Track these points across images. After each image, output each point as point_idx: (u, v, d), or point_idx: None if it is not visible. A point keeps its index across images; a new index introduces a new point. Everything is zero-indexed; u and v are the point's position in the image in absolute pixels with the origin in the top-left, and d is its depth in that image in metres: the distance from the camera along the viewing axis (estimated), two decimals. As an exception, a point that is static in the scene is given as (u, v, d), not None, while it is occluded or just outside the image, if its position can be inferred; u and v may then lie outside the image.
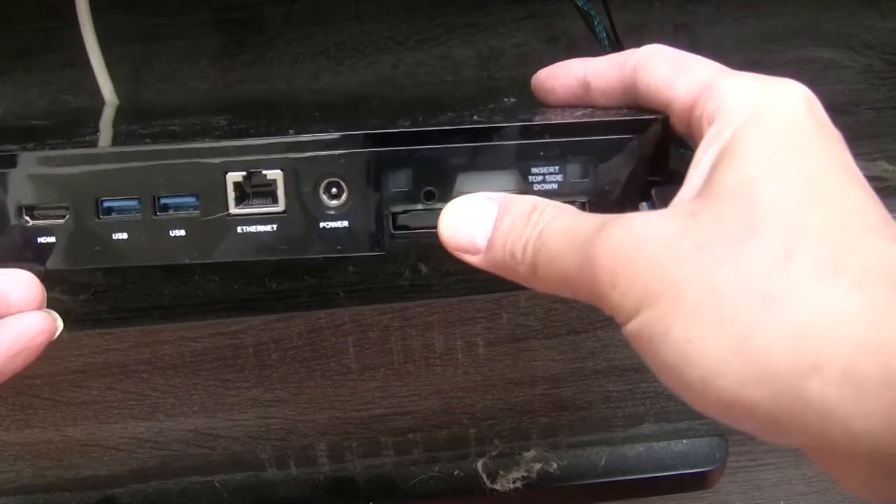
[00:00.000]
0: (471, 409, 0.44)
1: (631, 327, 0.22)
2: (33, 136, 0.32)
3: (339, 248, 0.28)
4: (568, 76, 0.30)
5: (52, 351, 0.41)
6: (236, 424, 0.44)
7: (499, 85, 0.50)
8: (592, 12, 0.43)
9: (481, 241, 0.26)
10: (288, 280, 0.42)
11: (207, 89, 0.49)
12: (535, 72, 0.31)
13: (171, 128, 0.33)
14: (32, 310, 0.27)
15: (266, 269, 0.42)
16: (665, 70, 0.26)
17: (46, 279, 0.28)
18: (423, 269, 0.42)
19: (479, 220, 0.26)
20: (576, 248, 0.23)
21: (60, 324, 0.27)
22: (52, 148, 0.28)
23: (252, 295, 0.41)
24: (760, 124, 0.22)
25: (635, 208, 0.28)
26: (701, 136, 0.24)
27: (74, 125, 0.38)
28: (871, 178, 0.22)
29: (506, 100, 0.34)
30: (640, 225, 0.22)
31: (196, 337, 0.41)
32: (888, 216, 0.21)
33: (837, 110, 0.24)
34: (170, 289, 0.42)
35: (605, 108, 0.29)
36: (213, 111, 0.39)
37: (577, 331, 0.42)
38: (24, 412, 0.42)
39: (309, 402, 0.43)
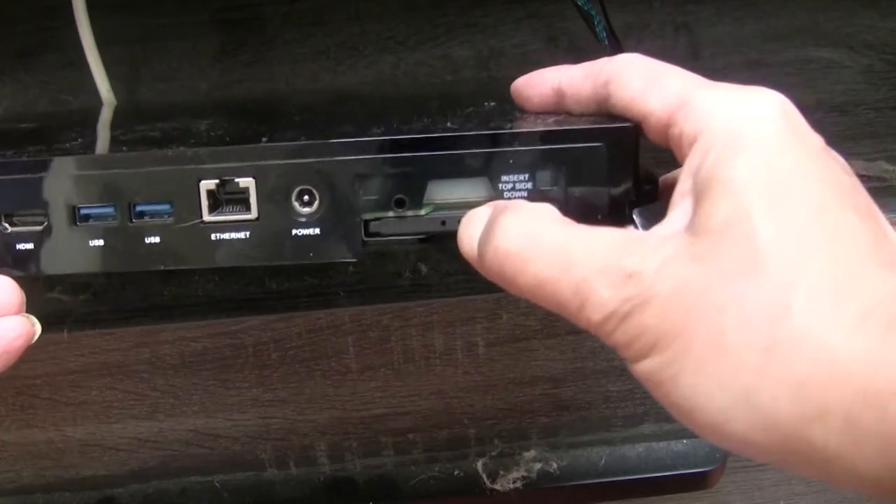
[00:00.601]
0: (471, 409, 0.44)
1: (640, 370, 0.23)
2: (18, 141, 0.33)
3: (311, 254, 0.29)
4: (543, 85, 0.30)
5: (52, 351, 0.41)
6: (236, 424, 0.44)
7: (489, 86, 0.50)
8: (592, 12, 0.43)
9: (475, 248, 0.26)
10: (288, 280, 0.42)
11: (207, 89, 0.49)
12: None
13: (152, 133, 0.33)
14: (11, 314, 0.27)
15: (266, 269, 0.42)
16: (638, 84, 0.26)
17: (44, 280, 0.28)
18: (423, 269, 0.42)
19: (474, 226, 0.26)
20: (580, 292, 0.23)
21: (38, 328, 0.28)
22: (30, 155, 0.29)
23: (252, 295, 0.42)
24: (743, 147, 0.22)
25: (605, 215, 0.28)
26: (682, 155, 0.24)
27: (62, 128, 0.39)
28: (871, 179, 0.22)
29: (486, 104, 0.34)
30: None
31: (196, 337, 0.41)
32: (879, 232, 0.21)
33: (837, 110, 0.24)
34: (170, 289, 0.42)
35: (580, 116, 0.29)
36: (199, 114, 0.39)
37: (577, 331, 0.42)
38: (24, 412, 0.42)
39: (309, 402, 0.43)
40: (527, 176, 0.28)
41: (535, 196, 0.28)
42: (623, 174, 0.27)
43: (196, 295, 0.42)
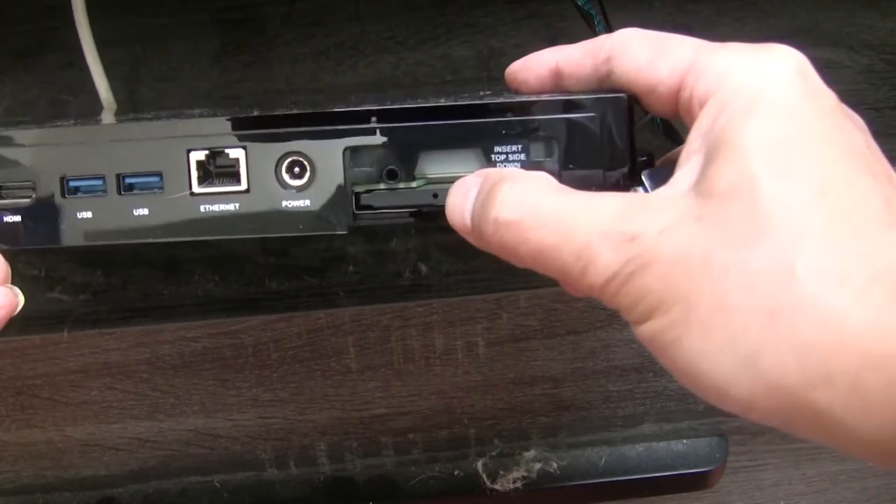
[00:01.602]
0: (471, 409, 0.44)
1: (644, 332, 0.22)
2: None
3: (301, 226, 0.29)
4: (540, 66, 0.29)
5: (52, 351, 0.41)
6: (236, 424, 0.44)
7: (489, 86, 0.50)
8: (593, 12, 0.43)
9: (468, 219, 0.25)
10: (288, 280, 0.42)
11: (207, 89, 0.49)
12: None
13: (146, 117, 0.33)
14: None
15: (266, 269, 0.42)
16: (643, 54, 0.26)
17: (46, 280, 0.28)
18: (423, 269, 0.42)
19: (463, 196, 0.25)
20: (581, 257, 0.22)
21: (21, 299, 0.28)
22: (18, 127, 0.29)
23: (252, 295, 0.42)
24: (756, 110, 0.22)
25: (600, 186, 0.27)
26: (691, 118, 0.24)
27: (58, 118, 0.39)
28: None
29: (481, 93, 0.34)
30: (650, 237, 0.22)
31: (196, 337, 0.41)
32: (892, 194, 0.21)
33: (837, 110, 0.24)
34: (170, 289, 0.42)
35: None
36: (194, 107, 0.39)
37: (577, 331, 0.42)
38: (24, 412, 0.42)
39: (309, 402, 0.43)
40: (520, 147, 0.28)
41: (528, 167, 0.27)
42: (617, 144, 0.27)
43: (196, 295, 0.42)
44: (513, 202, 0.24)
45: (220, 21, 0.49)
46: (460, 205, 0.25)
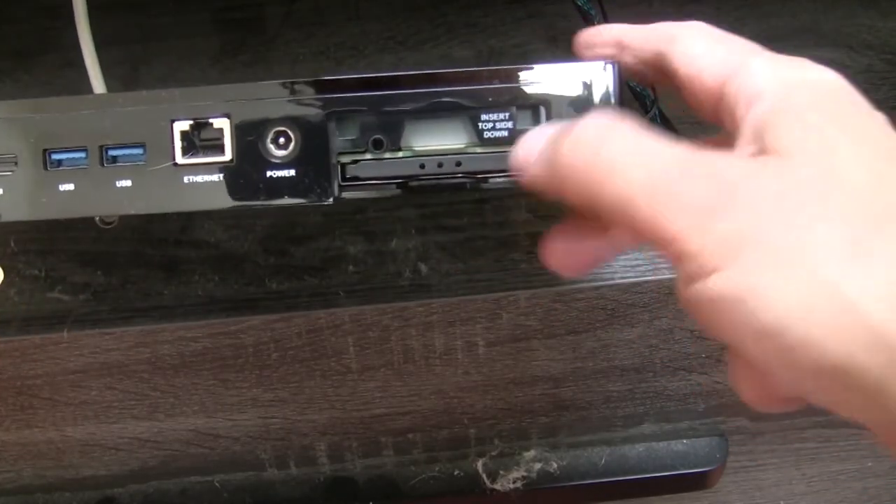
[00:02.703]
0: (471, 409, 0.44)
1: (716, 284, 0.20)
2: None
3: (285, 197, 0.28)
4: (609, 33, 0.29)
5: (52, 351, 0.41)
6: (236, 424, 0.44)
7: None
8: (593, 11, 0.43)
9: (542, 148, 0.24)
10: (288, 280, 0.42)
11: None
12: None
13: None
14: None
15: (266, 269, 0.42)
16: (703, 42, 0.26)
17: (46, 280, 0.28)
18: (423, 269, 0.42)
19: (545, 134, 0.25)
20: (655, 189, 0.21)
21: (0, 275, 0.27)
22: None
23: (252, 295, 0.42)
24: (806, 98, 0.22)
25: None
26: (734, 114, 0.24)
27: None
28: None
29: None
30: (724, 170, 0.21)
31: (196, 337, 0.41)
32: None
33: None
34: (170, 289, 0.42)
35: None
36: None
37: (577, 331, 0.42)
38: (24, 412, 0.42)
39: (309, 402, 0.43)
40: (507, 115, 0.28)
41: (516, 135, 0.27)
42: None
43: (196, 295, 0.42)
44: (622, 145, 0.22)
45: (220, 21, 0.49)
46: (538, 139, 0.25)
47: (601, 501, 0.47)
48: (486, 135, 0.28)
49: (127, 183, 0.28)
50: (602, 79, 0.27)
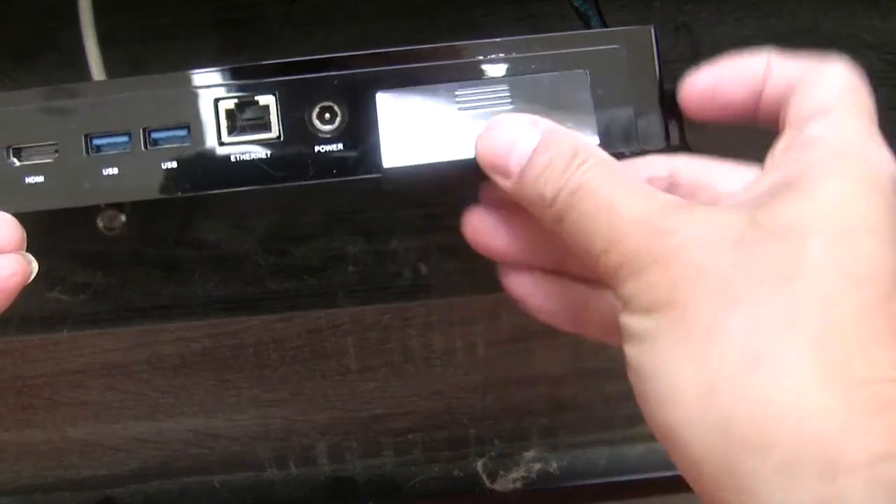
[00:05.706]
0: (471, 409, 0.44)
1: (630, 321, 0.22)
2: None
3: (334, 171, 0.28)
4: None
5: (52, 351, 0.41)
6: (236, 424, 0.44)
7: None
8: (590, 12, 0.43)
9: (515, 167, 0.25)
10: (288, 280, 0.42)
11: (207, 89, 0.49)
12: None
13: None
14: (9, 252, 0.25)
15: (266, 269, 0.42)
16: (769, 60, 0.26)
17: (46, 280, 0.28)
18: (423, 269, 0.42)
19: (519, 144, 0.25)
20: (611, 235, 0.22)
21: (35, 267, 0.26)
22: (38, 87, 0.28)
23: (252, 295, 0.42)
24: (841, 174, 0.22)
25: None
26: (795, 115, 0.24)
27: None
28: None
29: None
30: (696, 253, 0.21)
31: (196, 337, 0.41)
32: None
33: (837, 110, 0.24)
34: (170, 289, 0.42)
35: None
36: None
37: (577, 331, 0.42)
38: (24, 412, 0.42)
39: (309, 402, 0.43)
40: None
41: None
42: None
43: (196, 295, 0.42)
44: (591, 174, 0.23)
45: (220, 21, 0.49)
46: (507, 148, 0.25)
47: (601, 501, 0.47)
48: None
49: (172, 164, 0.28)
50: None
